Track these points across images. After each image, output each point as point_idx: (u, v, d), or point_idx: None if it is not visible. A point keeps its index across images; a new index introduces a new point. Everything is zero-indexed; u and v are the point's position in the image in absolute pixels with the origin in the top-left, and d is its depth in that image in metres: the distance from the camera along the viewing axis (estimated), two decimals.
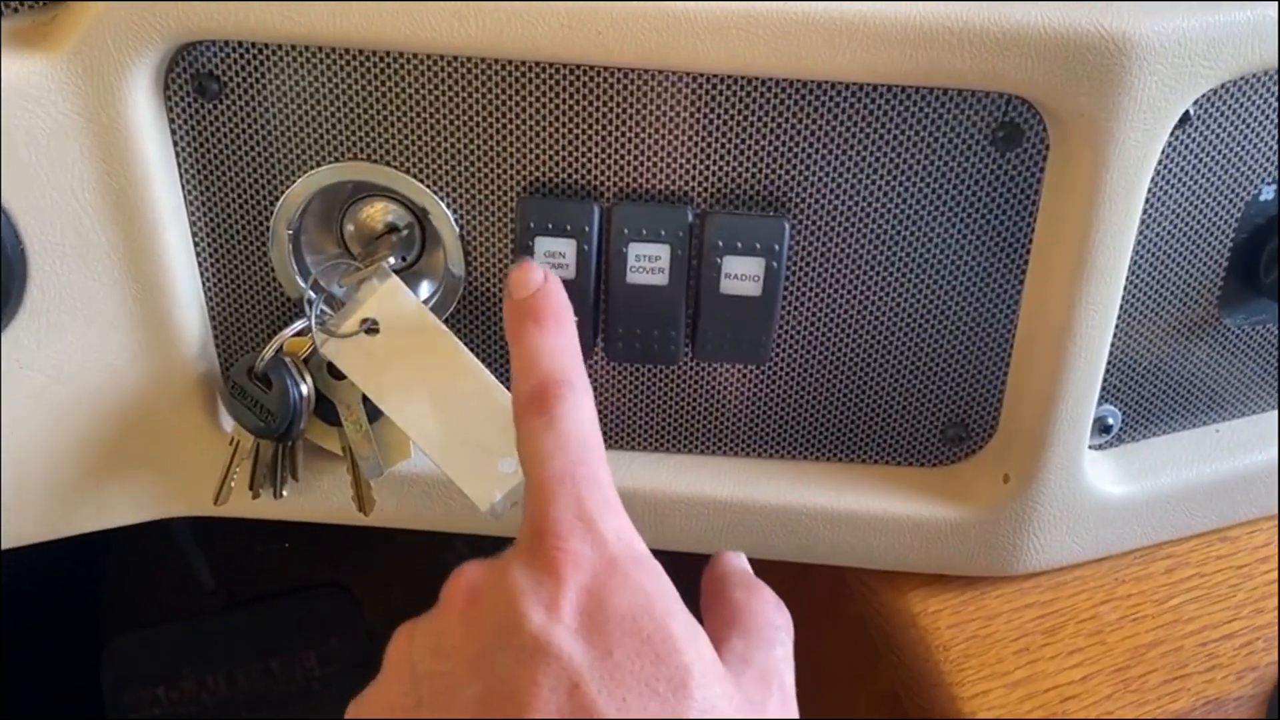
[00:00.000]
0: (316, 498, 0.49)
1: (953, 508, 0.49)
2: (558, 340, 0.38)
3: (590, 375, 0.41)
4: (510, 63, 0.41)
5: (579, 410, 0.36)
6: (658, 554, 0.38)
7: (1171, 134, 0.41)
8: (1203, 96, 0.41)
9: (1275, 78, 0.43)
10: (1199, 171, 0.44)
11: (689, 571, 0.39)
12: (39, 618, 0.83)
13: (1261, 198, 0.46)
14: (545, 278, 0.40)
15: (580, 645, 0.31)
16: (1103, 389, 0.47)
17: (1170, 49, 0.39)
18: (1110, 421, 0.49)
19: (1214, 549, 0.52)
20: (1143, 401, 0.49)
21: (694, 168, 0.43)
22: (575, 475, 0.35)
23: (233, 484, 0.47)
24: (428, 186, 0.44)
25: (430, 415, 0.44)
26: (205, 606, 0.87)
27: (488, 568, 0.35)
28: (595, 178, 0.43)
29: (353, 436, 0.46)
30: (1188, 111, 0.42)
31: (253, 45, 0.41)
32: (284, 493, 0.47)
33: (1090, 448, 0.48)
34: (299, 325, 0.45)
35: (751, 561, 0.50)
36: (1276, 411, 0.52)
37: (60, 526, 0.48)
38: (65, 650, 0.86)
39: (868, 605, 0.52)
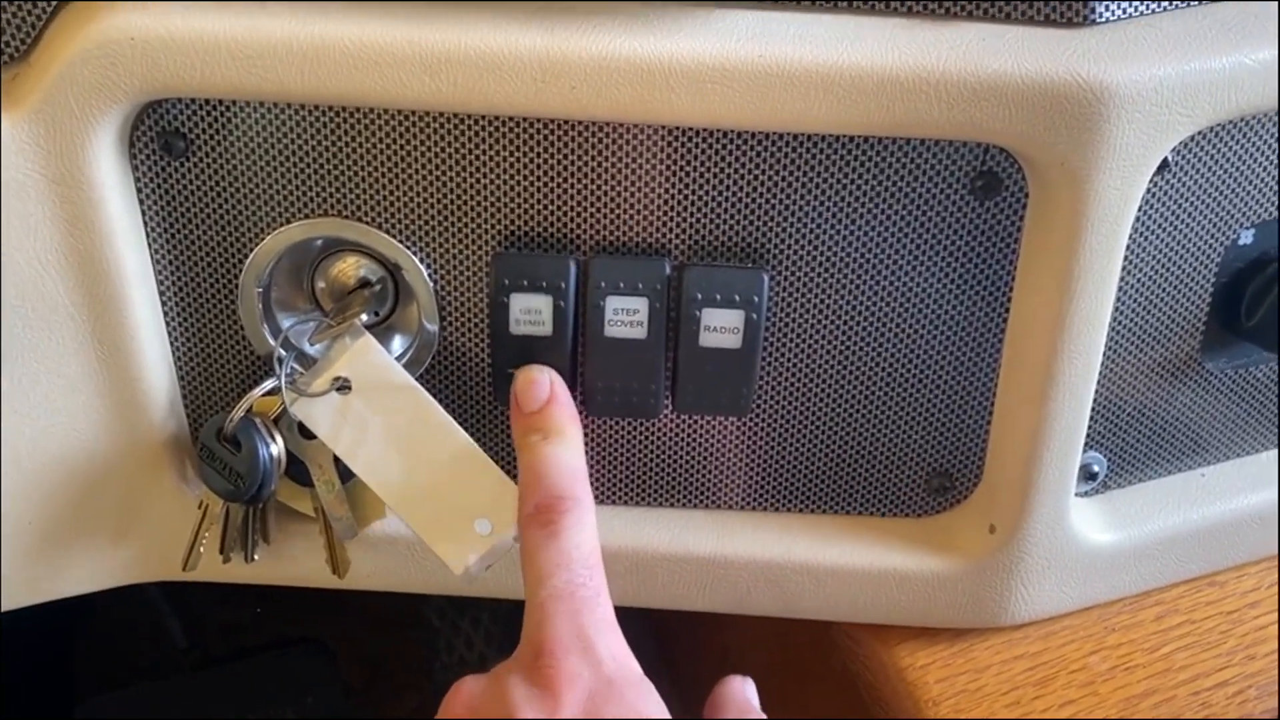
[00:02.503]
0: (289, 561, 0.47)
1: (938, 559, 0.48)
2: (565, 455, 0.39)
3: None
4: (483, 116, 0.41)
5: (581, 526, 0.37)
6: (633, 611, 0.38)
7: (1151, 181, 0.41)
8: (1180, 143, 0.41)
9: (1251, 123, 0.43)
10: (1179, 217, 0.44)
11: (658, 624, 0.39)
12: (9, 680, 0.80)
13: (1241, 241, 0.45)
14: (551, 389, 0.41)
15: None
16: (1087, 436, 0.46)
17: (1148, 97, 0.39)
18: (1095, 468, 0.49)
19: (1203, 594, 0.52)
20: (1127, 447, 0.49)
21: (671, 220, 0.42)
22: (574, 594, 0.36)
23: (202, 549, 0.46)
24: (400, 241, 0.43)
25: (403, 476, 0.43)
26: (179, 665, 0.85)
27: (486, 681, 0.35)
28: (571, 231, 0.43)
29: (325, 497, 0.45)
30: (1166, 158, 0.41)
31: (220, 102, 0.40)
32: (255, 556, 0.46)
33: (1076, 495, 0.48)
34: (269, 385, 0.44)
35: (735, 616, 0.49)
36: (1275, 453, 0.51)
37: (24, 595, 0.47)
38: (36, 713, 0.83)
39: (853, 659, 0.51)
